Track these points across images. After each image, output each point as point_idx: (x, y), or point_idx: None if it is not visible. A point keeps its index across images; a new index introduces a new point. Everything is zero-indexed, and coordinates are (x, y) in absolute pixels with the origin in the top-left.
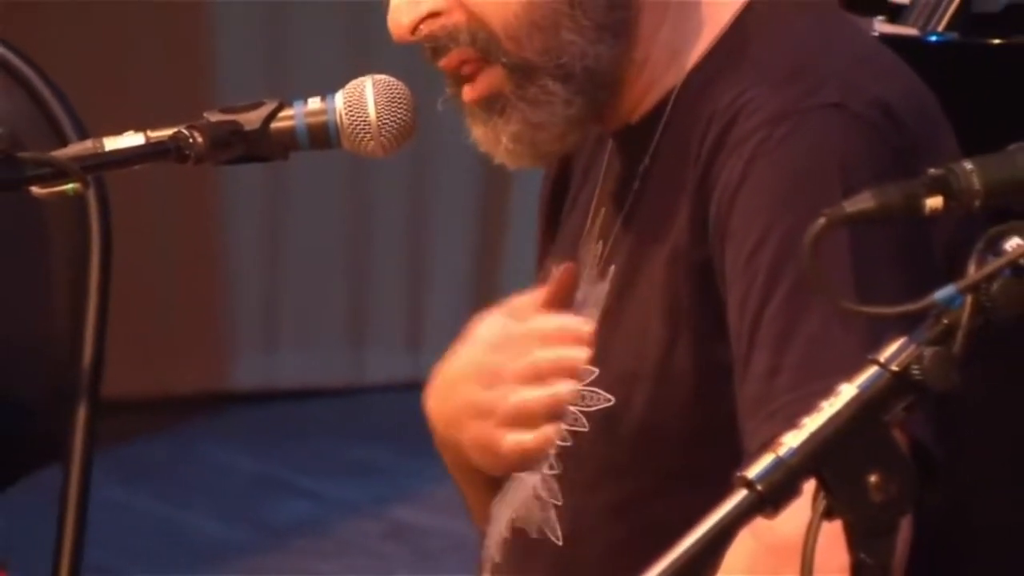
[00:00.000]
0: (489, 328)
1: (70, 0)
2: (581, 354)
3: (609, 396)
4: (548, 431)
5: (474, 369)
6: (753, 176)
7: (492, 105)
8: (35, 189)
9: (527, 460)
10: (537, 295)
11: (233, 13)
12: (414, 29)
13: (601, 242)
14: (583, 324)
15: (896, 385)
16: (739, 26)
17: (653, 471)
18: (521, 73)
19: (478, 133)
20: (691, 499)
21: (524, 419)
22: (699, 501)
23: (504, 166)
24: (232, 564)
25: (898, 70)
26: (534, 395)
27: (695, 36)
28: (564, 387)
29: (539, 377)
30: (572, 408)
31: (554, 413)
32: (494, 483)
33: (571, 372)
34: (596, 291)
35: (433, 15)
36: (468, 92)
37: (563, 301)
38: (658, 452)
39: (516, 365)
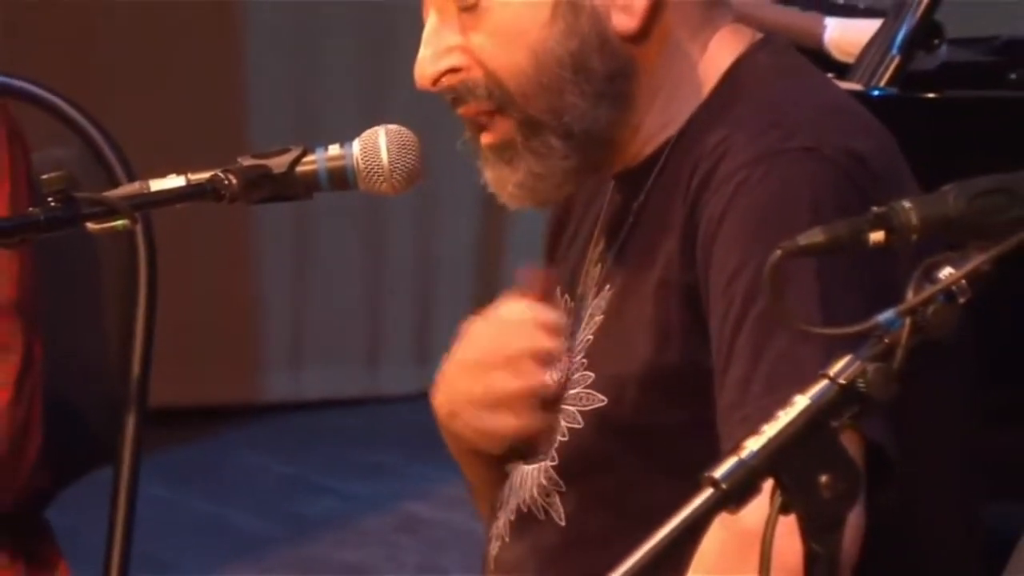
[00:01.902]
0: (480, 326)
1: (121, 56)
2: (551, 343)
3: (602, 397)
4: (530, 415)
5: (467, 363)
6: (733, 212)
7: (503, 153)
8: (90, 225)
9: (517, 439)
10: (522, 293)
11: (265, 63)
12: (436, 81)
13: (600, 265)
14: (555, 316)
15: (843, 396)
16: (724, 88)
17: (640, 464)
18: (528, 127)
19: (489, 175)
20: (674, 489)
21: (506, 403)
22: (681, 491)
23: (504, 206)
24: (264, 554)
25: (866, 120)
26: (511, 383)
27: (687, 101)
28: (538, 373)
29: (513, 364)
30: (570, 407)
31: (533, 397)
32: (493, 467)
33: (544, 358)
34: (594, 307)
35: (454, 70)
36: (485, 138)
37: (545, 297)
38: (644, 447)
39: (494, 356)
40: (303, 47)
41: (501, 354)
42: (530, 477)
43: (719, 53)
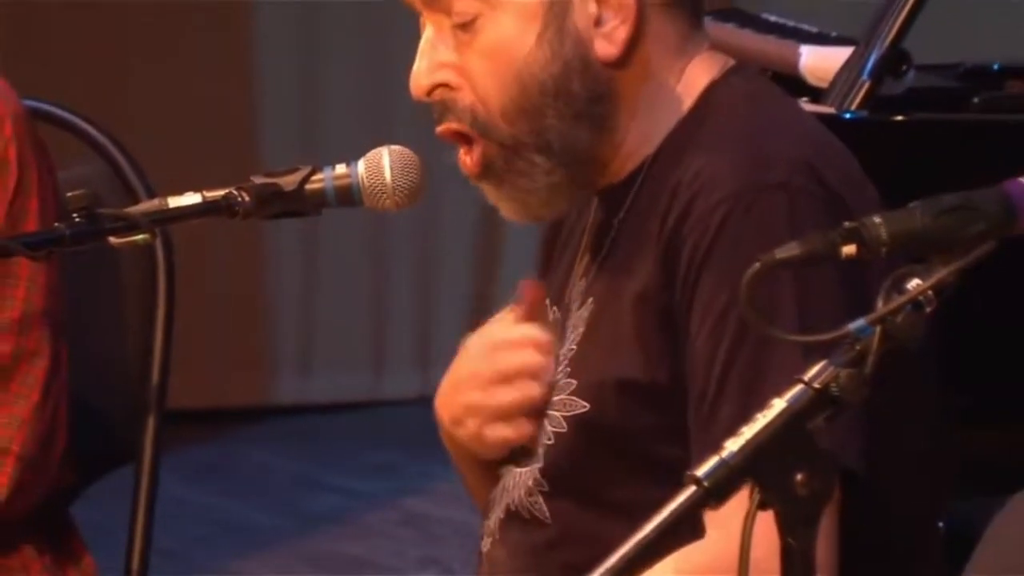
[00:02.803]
0: (477, 341)
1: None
2: (540, 358)
3: (584, 403)
4: (524, 425)
5: (466, 376)
6: (719, 249)
7: (488, 175)
8: (113, 239)
9: (512, 449)
10: (514, 311)
11: (274, 82)
12: (429, 92)
13: (584, 279)
14: (543, 334)
15: (818, 400)
16: (699, 110)
17: (619, 465)
18: (511, 149)
19: (487, 193)
20: (651, 489)
21: (503, 415)
22: (657, 490)
23: (496, 220)
24: (274, 547)
25: (831, 144)
26: (507, 396)
27: (663, 121)
28: (531, 386)
29: (507, 379)
30: (555, 413)
31: (526, 408)
32: (489, 470)
33: (533, 373)
34: (578, 318)
35: (446, 85)
36: (468, 164)
37: (534, 315)
38: (623, 450)
39: (491, 371)
40: (310, 69)
41: (497, 369)
42: (520, 479)
43: (695, 78)
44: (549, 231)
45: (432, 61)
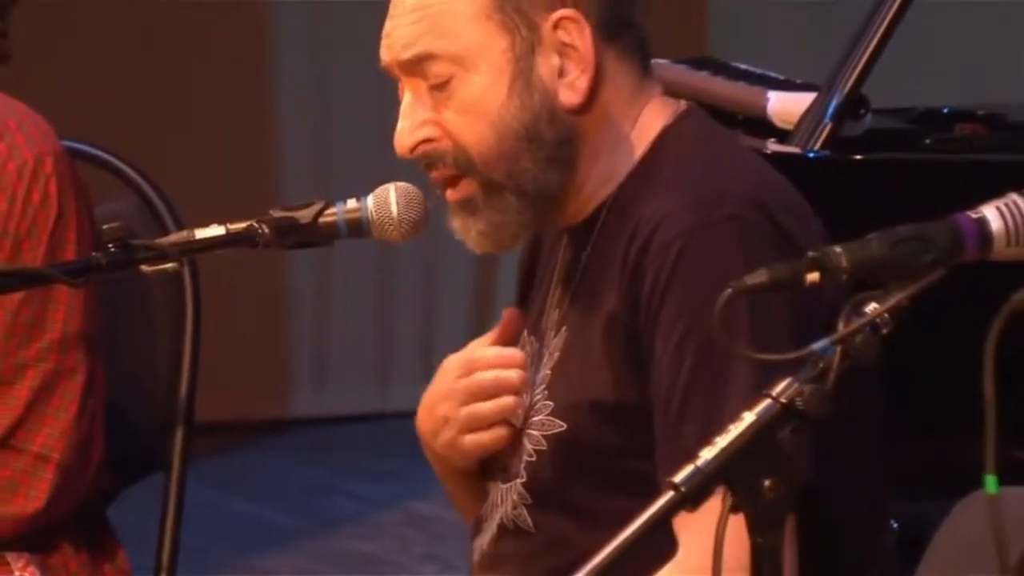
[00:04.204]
0: (454, 361)
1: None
2: (512, 373)
3: (562, 423)
4: (499, 431)
5: (443, 392)
6: (678, 279)
7: (466, 207)
8: (144, 268)
9: (488, 455)
10: (489, 335)
11: (291, 126)
12: (413, 149)
13: (557, 310)
14: (516, 352)
15: (784, 413)
16: (654, 152)
17: (594, 478)
18: (489, 188)
19: (456, 224)
20: (623, 499)
21: (477, 424)
22: (630, 501)
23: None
24: (293, 546)
25: (777, 181)
26: (483, 407)
27: (622, 163)
28: (505, 399)
29: (483, 392)
30: (535, 432)
31: (501, 417)
32: (468, 481)
33: (507, 387)
34: (553, 346)
35: (427, 140)
36: (450, 195)
37: (509, 339)
38: (597, 464)
39: (465, 385)
40: (326, 109)
41: (474, 384)
42: (507, 494)
43: (649, 122)
44: (526, 267)
45: (413, 121)
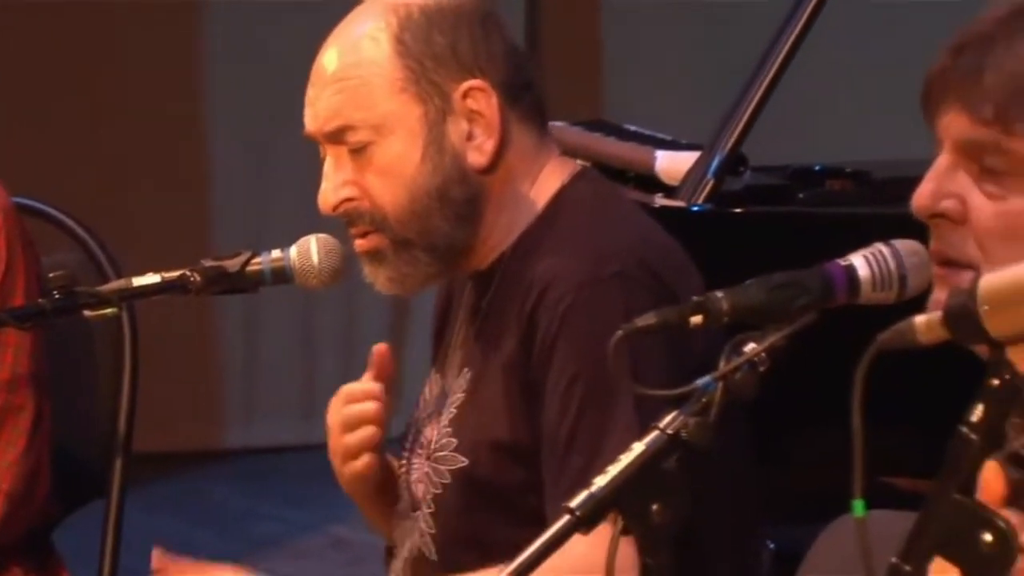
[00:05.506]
0: (337, 399)
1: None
2: (373, 406)
3: (464, 459)
4: (366, 458)
5: (331, 425)
6: (566, 330)
7: (375, 257)
8: (87, 313)
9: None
10: (367, 374)
11: (226, 173)
12: (335, 207)
13: (460, 352)
14: (373, 386)
15: (670, 443)
16: (551, 210)
17: (493, 511)
18: (401, 245)
19: (366, 270)
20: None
21: (351, 455)
22: (525, 534)
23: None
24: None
25: (660, 238)
26: (351, 439)
27: (522, 217)
28: (367, 429)
29: (350, 425)
30: (441, 467)
31: (367, 447)
32: (382, 506)
33: (366, 418)
34: (456, 385)
35: (348, 199)
36: (360, 245)
37: (382, 375)
38: (495, 498)
39: (344, 418)
40: (258, 169)
41: (341, 417)
42: (415, 523)
43: (547, 181)
44: (442, 304)
45: (336, 182)
